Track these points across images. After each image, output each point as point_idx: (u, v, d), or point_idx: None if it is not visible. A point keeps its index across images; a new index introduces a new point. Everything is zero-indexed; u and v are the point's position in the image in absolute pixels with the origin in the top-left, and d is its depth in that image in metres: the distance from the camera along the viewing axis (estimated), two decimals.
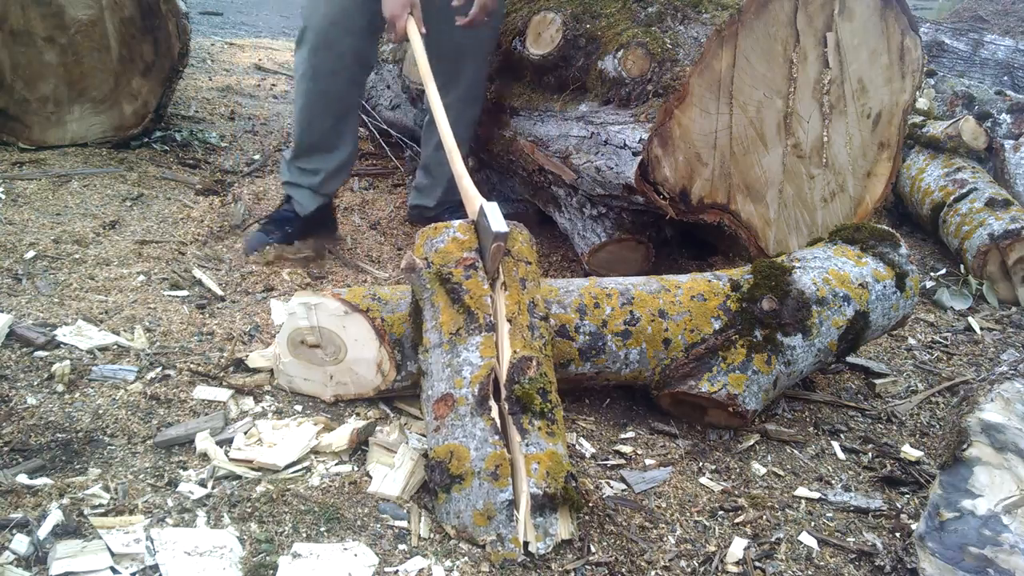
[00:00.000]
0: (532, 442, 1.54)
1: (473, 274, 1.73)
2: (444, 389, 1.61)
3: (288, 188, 2.78)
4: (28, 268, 2.36)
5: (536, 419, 1.57)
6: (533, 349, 1.68)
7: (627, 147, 2.43)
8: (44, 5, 3.22)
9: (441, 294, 1.71)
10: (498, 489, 1.46)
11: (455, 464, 1.50)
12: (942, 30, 6.10)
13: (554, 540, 1.47)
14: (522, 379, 1.60)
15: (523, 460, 1.51)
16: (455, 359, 1.63)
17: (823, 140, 2.66)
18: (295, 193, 2.75)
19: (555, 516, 1.49)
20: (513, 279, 1.77)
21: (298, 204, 2.75)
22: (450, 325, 1.68)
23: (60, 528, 1.37)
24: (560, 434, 1.60)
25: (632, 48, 2.45)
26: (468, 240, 1.79)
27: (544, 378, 1.64)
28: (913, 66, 2.74)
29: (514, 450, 1.53)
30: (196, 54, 5.69)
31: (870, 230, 2.25)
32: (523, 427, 1.55)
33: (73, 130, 3.41)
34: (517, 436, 1.54)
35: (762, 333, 1.96)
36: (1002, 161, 3.64)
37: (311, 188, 2.73)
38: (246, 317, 2.26)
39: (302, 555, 1.38)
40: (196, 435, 1.66)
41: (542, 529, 1.46)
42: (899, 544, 1.62)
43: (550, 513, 1.48)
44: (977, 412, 1.54)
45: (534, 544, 1.45)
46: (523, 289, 1.77)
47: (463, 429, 1.54)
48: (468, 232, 1.81)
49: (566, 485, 1.50)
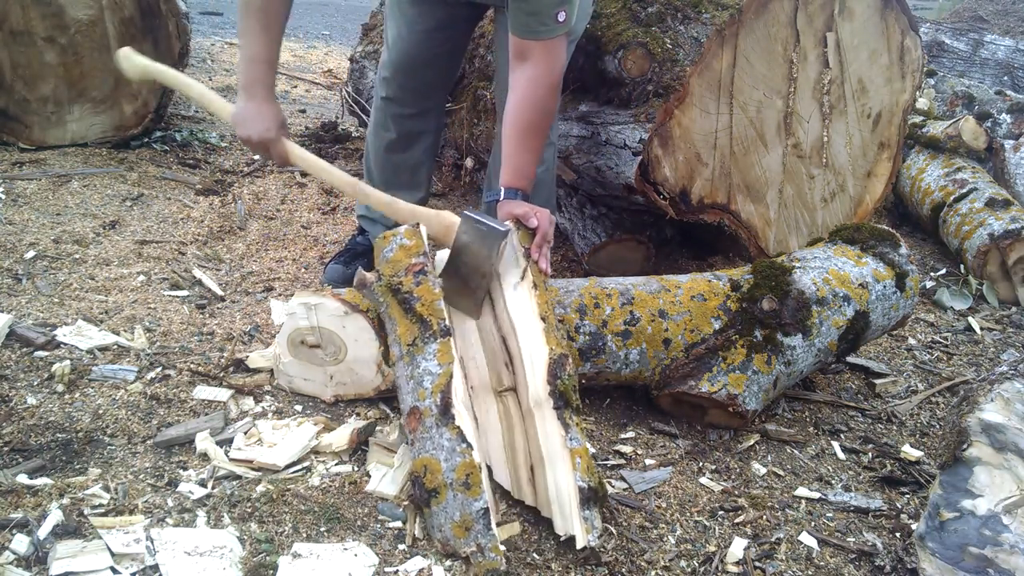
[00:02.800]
0: (573, 436, 1.58)
1: (423, 280, 1.73)
2: (411, 402, 1.61)
3: (362, 221, 2.72)
4: (28, 268, 2.36)
5: (574, 415, 1.63)
6: (564, 347, 1.73)
7: (627, 147, 2.43)
8: (44, 5, 3.22)
9: (394, 305, 1.72)
10: (471, 499, 1.45)
11: (429, 478, 1.49)
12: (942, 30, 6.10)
13: (599, 532, 1.49)
14: (562, 375, 1.65)
15: (568, 455, 1.54)
16: (415, 370, 1.63)
17: (823, 140, 2.66)
18: (370, 227, 2.69)
19: (596, 510, 1.52)
20: (540, 278, 1.82)
21: (372, 236, 2.67)
22: (407, 336, 1.68)
23: (60, 528, 1.37)
24: (584, 431, 1.65)
25: (632, 48, 2.45)
26: (415, 245, 1.79)
27: (574, 376, 1.69)
28: (913, 66, 2.74)
29: (557, 446, 1.56)
30: (196, 54, 5.69)
31: (870, 230, 2.25)
32: (566, 422, 1.59)
33: (73, 130, 3.41)
34: (562, 431, 1.57)
35: (762, 333, 1.96)
36: (1002, 161, 3.64)
37: (384, 224, 2.64)
38: (246, 317, 2.26)
39: (302, 555, 1.38)
40: (196, 435, 1.66)
41: (590, 522, 1.49)
42: (899, 544, 1.62)
43: (593, 506, 1.51)
44: (977, 412, 1.54)
45: (583, 537, 1.46)
46: (546, 290, 1.82)
47: (431, 441, 1.53)
48: (414, 237, 1.80)
49: (600, 479, 1.55)
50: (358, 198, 2.07)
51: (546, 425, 1.60)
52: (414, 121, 2.53)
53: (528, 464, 1.60)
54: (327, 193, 3.38)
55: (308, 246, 2.87)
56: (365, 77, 3.88)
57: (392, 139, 2.55)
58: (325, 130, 4.23)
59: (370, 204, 2.08)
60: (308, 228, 3.04)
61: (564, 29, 1.96)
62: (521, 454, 1.62)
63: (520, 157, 2.02)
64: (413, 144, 2.57)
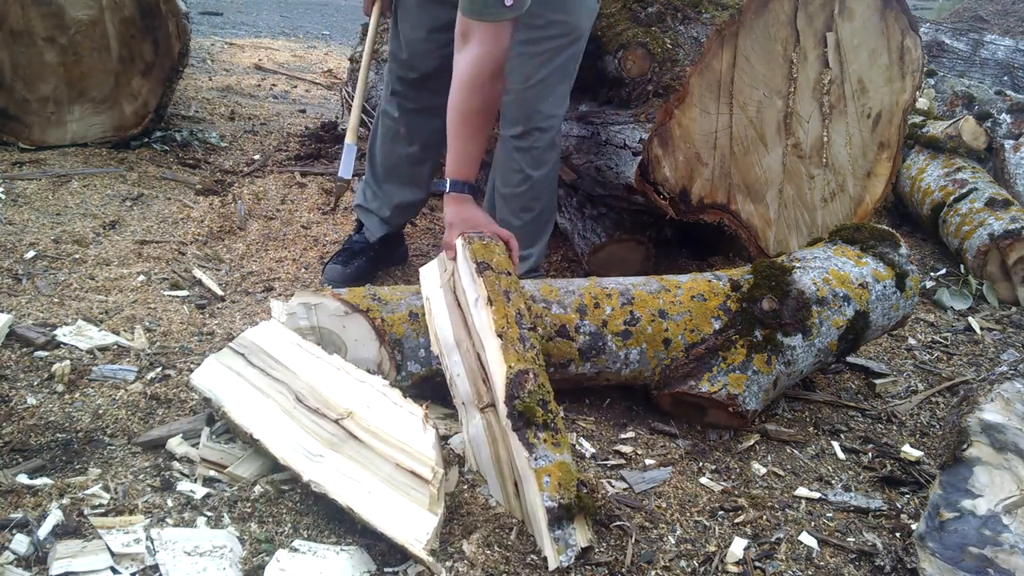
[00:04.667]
0: (540, 455, 1.52)
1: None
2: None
3: (359, 212, 2.73)
4: (28, 268, 2.36)
5: (540, 431, 1.55)
6: (527, 361, 1.65)
7: (627, 147, 2.43)
8: (44, 5, 3.22)
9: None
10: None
11: None
12: (942, 30, 6.10)
13: (575, 550, 1.46)
14: (521, 393, 1.58)
15: (534, 475, 1.49)
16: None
17: (823, 140, 2.66)
18: (366, 219, 2.71)
19: (572, 526, 1.47)
20: (497, 293, 1.74)
21: (368, 231, 2.71)
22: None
23: (60, 528, 1.37)
24: (564, 442, 1.58)
25: (632, 48, 2.45)
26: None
27: (542, 389, 1.62)
28: (913, 66, 2.74)
29: (523, 466, 1.52)
30: (196, 54, 5.69)
31: (870, 230, 2.25)
32: (529, 442, 1.53)
33: (73, 130, 3.41)
34: (525, 451, 1.52)
35: (762, 333, 1.96)
36: (1002, 161, 3.64)
37: (379, 216, 2.68)
38: (246, 317, 2.26)
39: (301, 551, 1.38)
40: (168, 439, 1.65)
41: (562, 541, 1.45)
42: (899, 544, 1.62)
43: (567, 524, 1.47)
44: (977, 412, 1.54)
45: (554, 559, 1.43)
46: (508, 302, 1.73)
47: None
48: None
49: (579, 493, 1.49)
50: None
51: (511, 445, 1.57)
52: (420, 117, 2.54)
53: (513, 479, 1.58)
54: (327, 193, 3.39)
55: (308, 246, 2.87)
56: None
57: (398, 131, 2.57)
58: (325, 130, 4.23)
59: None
60: (308, 228, 3.04)
61: (511, 14, 1.93)
62: (507, 468, 1.59)
63: (464, 144, 1.99)
64: (416, 139, 2.58)
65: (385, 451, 1.53)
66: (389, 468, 1.50)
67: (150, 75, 3.46)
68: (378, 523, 1.39)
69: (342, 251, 2.69)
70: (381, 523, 1.39)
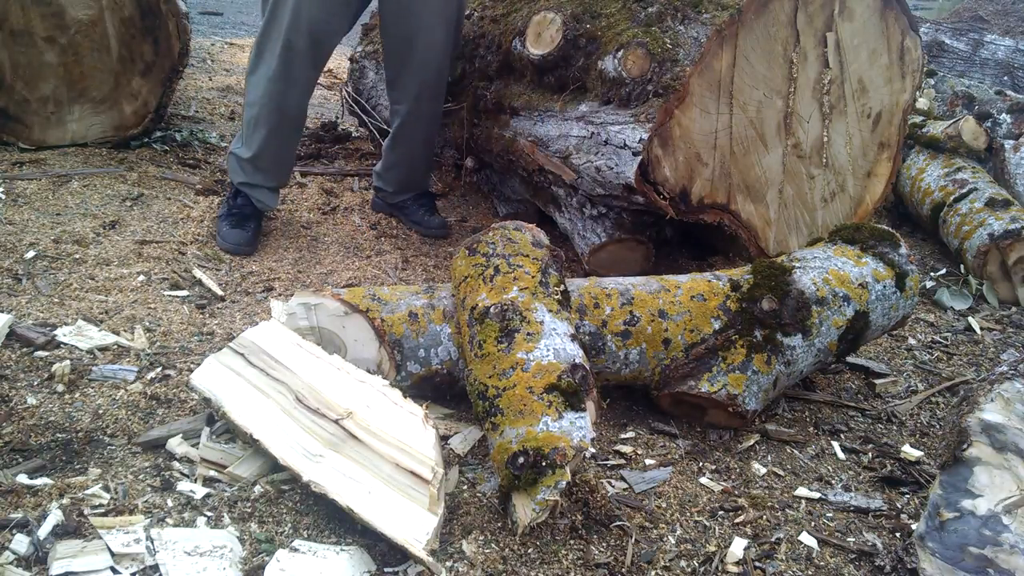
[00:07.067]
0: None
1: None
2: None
3: (245, 187, 2.83)
4: (28, 268, 2.36)
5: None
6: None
7: (627, 147, 2.43)
8: (44, 5, 3.22)
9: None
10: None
11: None
12: (942, 30, 6.10)
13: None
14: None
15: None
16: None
17: (823, 140, 2.66)
18: (256, 193, 2.83)
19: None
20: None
21: (258, 201, 2.83)
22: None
23: (60, 528, 1.37)
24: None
25: (632, 48, 2.45)
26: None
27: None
28: (913, 66, 2.74)
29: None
30: (196, 54, 5.69)
31: (870, 230, 2.25)
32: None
33: (73, 130, 3.41)
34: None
35: (762, 333, 1.96)
36: (1002, 161, 3.64)
37: (266, 187, 2.84)
38: (246, 317, 2.26)
39: (301, 551, 1.38)
40: (174, 436, 1.65)
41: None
42: (899, 544, 1.62)
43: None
44: (977, 412, 1.54)
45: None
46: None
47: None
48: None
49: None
50: None
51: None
52: (313, 76, 2.74)
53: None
54: (327, 193, 3.38)
55: (308, 246, 2.87)
56: (365, 77, 3.88)
57: (291, 90, 2.69)
58: (325, 130, 4.23)
59: None
60: (308, 228, 3.04)
61: None
62: None
63: None
64: (305, 98, 2.76)
65: (385, 451, 1.53)
66: (389, 468, 1.50)
67: (150, 75, 3.46)
68: (378, 523, 1.39)
69: (229, 214, 2.81)
70: (381, 523, 1.39)
